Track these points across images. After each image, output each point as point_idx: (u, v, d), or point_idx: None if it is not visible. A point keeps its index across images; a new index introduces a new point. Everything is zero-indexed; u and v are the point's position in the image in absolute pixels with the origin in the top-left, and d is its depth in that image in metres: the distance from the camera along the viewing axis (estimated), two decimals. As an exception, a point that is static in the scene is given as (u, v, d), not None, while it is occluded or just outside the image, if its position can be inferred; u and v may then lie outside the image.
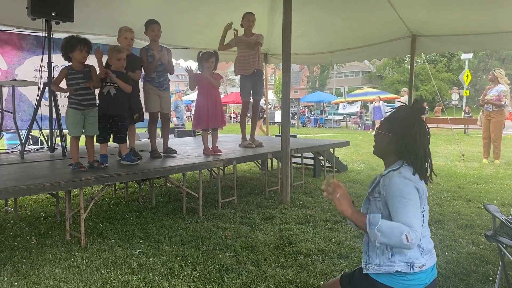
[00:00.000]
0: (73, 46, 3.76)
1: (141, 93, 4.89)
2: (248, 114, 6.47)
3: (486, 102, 8.53)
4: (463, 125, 18.00)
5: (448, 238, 3.88)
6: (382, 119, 2.32)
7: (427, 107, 25.45)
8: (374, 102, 20.47)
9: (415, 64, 7.59)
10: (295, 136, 9.11)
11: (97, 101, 4.05)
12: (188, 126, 13.17)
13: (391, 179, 1.82)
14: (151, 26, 4.86)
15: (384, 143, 1.99)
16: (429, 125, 2.02)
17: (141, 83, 4.89)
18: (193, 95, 35.81)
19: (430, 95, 40.00)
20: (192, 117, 7.26)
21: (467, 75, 22.03)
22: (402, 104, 2.06)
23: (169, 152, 5.03)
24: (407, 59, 7.79)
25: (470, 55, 26.07)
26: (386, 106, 22.31)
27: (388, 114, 2.09)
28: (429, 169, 1.90)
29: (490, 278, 3.01)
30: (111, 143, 4.27)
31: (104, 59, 4.12)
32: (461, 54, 28.09)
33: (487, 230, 3.04)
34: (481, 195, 5.70)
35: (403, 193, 1.77)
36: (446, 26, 6.51)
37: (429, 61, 40.61)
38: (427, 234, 1.92)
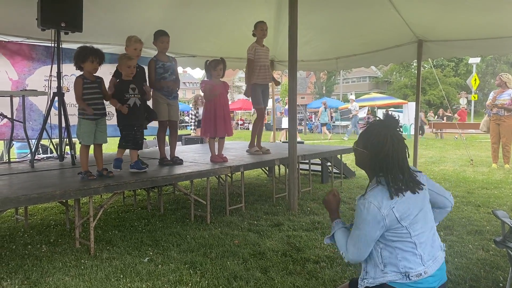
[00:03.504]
0: (85, 57, 3.82)
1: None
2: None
3: (500, 106, 8.45)
4: (472, 130, 17.86)
5: (457, 244, 3.85)
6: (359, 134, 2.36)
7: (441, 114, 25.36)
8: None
9: (422, 69, 7.57)
10: (302, 143, 9.11)
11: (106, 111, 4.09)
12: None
13: (358, 203, 1.95)
14: (161, 37, 4.91)
15: (361, 158, 2.07)
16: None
17: None
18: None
19: (438, 99, 39.79)
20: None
21: (475, 79, 21.91)
22: (375, 119, 2.08)
23: (175, 161, 5.05)
24: (414, 64, 7.76)
25: (477, 59, 25.96)
26: (394, 111, 22.33)
27: (362, 129, 2.14)
28: (404, 184, 1.93)
29: (501, 285, 2.99)
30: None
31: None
32: (468, 58, 27.94)
33: (496, 236, 3.02)
34: (491, 200, 5.65)
35: (357, 223, 1.93)
36: (453, 31, 6.49)
37: (436, 66, 40.44)
38: (427, 238, 1.93)
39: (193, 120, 10.84)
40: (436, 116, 26.55)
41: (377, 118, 2.08)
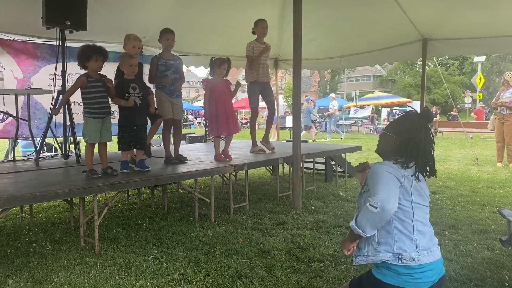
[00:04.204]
0: (89, 56, 3.82)
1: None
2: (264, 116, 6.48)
3: (500, 105, 8.43)
4: (475, 129, 17.78)
5: (462, 243, 3.83)
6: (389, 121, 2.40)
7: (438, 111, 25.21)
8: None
9: (426, 67, 7.54)
10: (306, 141, 9.10)
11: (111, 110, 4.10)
12: (198, 131, 13.26)
13: (371, 168, 1.99)
14: (166, 35, 4.91)
15: (387, 144, 2.11)
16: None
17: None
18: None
19: (442, 98, 39.64)
20: (203, 123, 7.28)
21: (480, 78, 21.83)
22: (412, 109, 2.14)
23: (180, 159, 5.06)
24: (419, 63, 7.75)
25: (482, 58, 25.85)
26: (398, 109, 22.10)
27: (396, 116, 2.20)
28: (427, 172, 2.04)
29: (506, 284, 2.97)
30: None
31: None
32: (473, 57, 27.84)
33: (502, 235, 3.00)
34: (496, 199, 5.62)
35: (379, 176, 1.92)
36: (458, 29, 6.47)
37: (441, 64, 40.26)
38: (425, 231, 1.97)
39: None
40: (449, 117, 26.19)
41: (412, 109, 2.16)
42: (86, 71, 3.89)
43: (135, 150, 4.38)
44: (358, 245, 2.01)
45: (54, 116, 4.80)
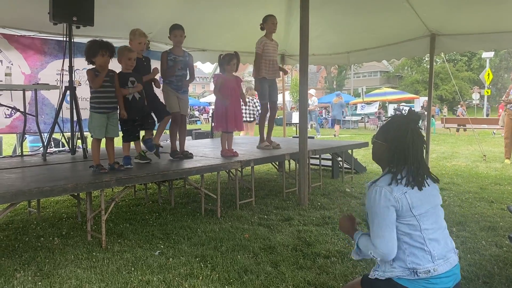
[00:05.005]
0: (95, 52, 3.82)
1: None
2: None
3: (508, 101, 8.34)
4: (485, 125, 17.64)
5: (470, 240, 3.81)
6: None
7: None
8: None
9: (434, 63, 7.47)
10: (312, 137, 9.07)
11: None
12: (205, 127, 13.27)
13: (368, 191, 1.96)
14: (174, 31, 4.92)
15: (379, 151, 2.09)
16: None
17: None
18: (210, 97, 36.01)
19: (450, 94, 39.36)
20: (210, 119, 7.28)
21: (488, 74, 21.64)
22: (398, 112, 2.11)
23: (186, 155, 5.07)
24: (426, 59, 7.67)
25: (491, 54, 25.62)
26: (405, 105, 21.91)
27: (384, 122, 2.16)
28: (420, 177, 1.96)
29: (515, 281, 2.95)
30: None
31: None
32: (481, 52, 27.58)
33: (511, 232, 2.98)
34: (504, 196, 5.58)
35: (372, 212, 1.94)
36: (467, 24, 6.39)
37: (449, 60, 39.96)
38: (438, 237, 1.93)
39: (254, 110, 10.82)
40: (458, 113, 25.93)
41: (398, 113, 2.11)
42: (94, 67, 3.90)
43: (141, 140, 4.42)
44: (377, 261, 1.99)
45: (61, 111, 4.82)
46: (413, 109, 2.17)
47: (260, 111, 7.01)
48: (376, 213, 1.90)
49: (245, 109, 10.72)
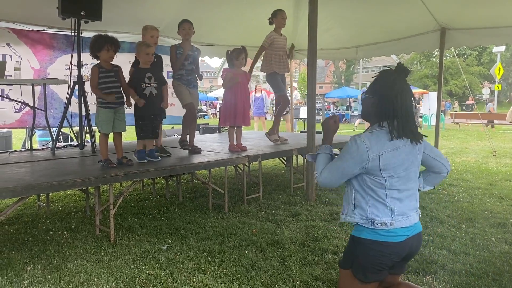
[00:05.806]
0: (100, 46, 3.83)
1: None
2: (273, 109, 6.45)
3: None
4: (495, 121, 17.45)
5: (479, 236, 3.77)
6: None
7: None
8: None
9: (444, 58, 7.38)
10: (320, 133, 9.04)
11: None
12: (212, 122, 13.28)
13: (350, 139, 2.08)
14: (182, 25, 4.95)
15: (368, 106, 2.12)
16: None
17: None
18: (218, 92, 36.00)
19: (460, 89, 38.96)
20: (218, 113, 7.29)
21: (499, 68, 21.39)
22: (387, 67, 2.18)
23: (194, 150, 5.07)
24: (436, 53, 7.59)
25: (502, 48, 25.30)
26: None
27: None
28: (409, 130, 2.02)
29: (525, 279, 2.92)
30: (131, 139, 4.35)
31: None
32: (492, 47, 27.23)
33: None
34: (514, 192, 5.52)
35: (342, 154, 2.07)
36: (477, 18, 6.29)
37: (459, 55, 39.52)
38: (402, 197, 2.03)
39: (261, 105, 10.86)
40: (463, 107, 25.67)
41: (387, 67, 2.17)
42: (98, 62, 3.91)
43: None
44: (343, 204, 2.22)
45: (70, 105, 4.82)
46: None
47: (273, 106, 6.97)
48: (343, 158, 2.04)
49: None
